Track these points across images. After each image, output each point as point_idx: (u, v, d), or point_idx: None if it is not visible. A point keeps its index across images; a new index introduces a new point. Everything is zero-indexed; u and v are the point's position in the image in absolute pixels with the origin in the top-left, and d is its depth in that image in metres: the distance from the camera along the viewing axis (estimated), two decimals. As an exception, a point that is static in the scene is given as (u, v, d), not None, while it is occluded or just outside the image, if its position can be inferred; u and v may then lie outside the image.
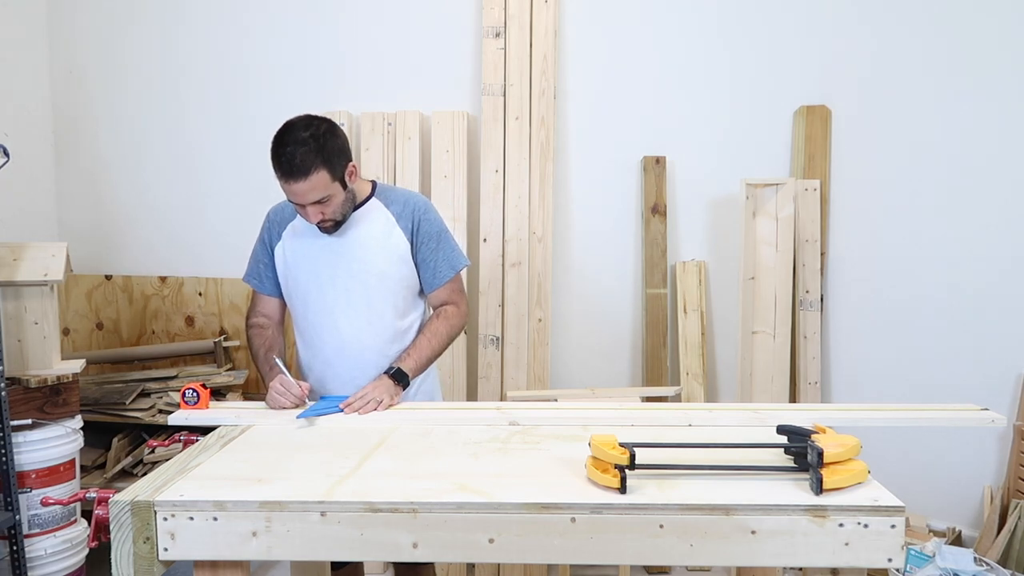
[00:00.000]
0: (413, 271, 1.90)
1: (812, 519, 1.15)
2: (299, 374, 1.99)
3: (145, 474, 1.78)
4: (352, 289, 1.85)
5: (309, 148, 1.67)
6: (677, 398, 2.89)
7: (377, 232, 1.86)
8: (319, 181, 1.69)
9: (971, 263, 2.70)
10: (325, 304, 1.86)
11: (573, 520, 1.16)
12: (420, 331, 1.92)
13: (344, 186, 1.77)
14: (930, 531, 2.72)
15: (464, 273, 1.99)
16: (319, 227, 1.80)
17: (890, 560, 1.14)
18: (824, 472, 1.19)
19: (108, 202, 3.22)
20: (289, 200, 1.75)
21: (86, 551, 2.44)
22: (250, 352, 1.95)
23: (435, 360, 1.93)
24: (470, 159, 2.97)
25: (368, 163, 2.96)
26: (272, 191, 1.98)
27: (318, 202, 1.72)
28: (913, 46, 2.79)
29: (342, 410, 1.71)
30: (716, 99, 3.00)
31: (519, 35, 2.95)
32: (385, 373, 1.81)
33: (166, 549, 1.17)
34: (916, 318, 2.81)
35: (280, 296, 1.97)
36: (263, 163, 3.02)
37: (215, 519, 1.17)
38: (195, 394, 1.73)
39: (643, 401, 2.62)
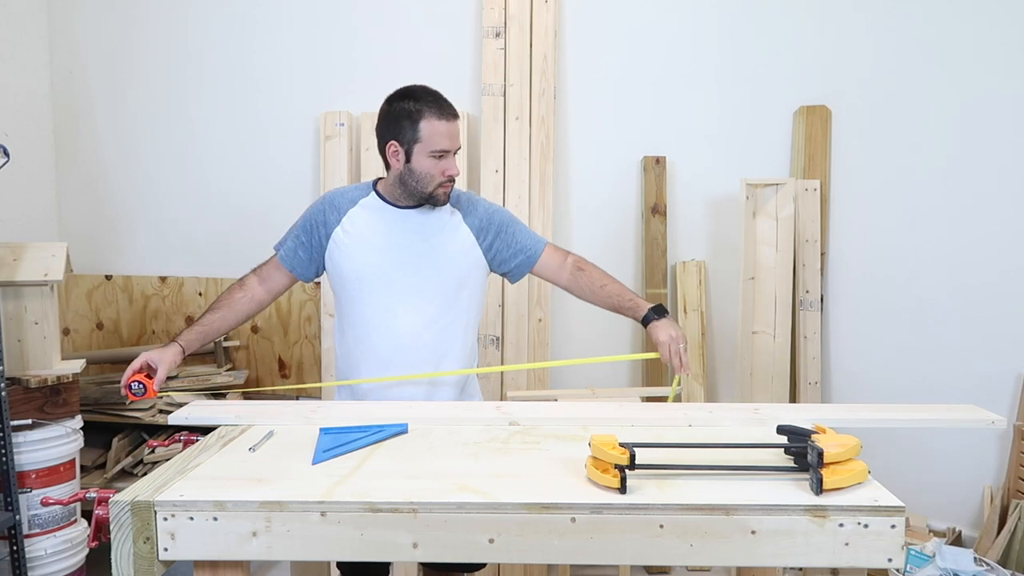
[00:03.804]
0: (473, 268, 1.89)
1: (812, 519, 1.15)
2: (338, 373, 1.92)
3: (145, 474, 1.78)
4: (420, 282, 1.83)
5: None
6: (677, 398, 2.89)
7: (445, 224, 1.86)
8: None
9: (971, 263, 2.70)
10: (387, 296, 1.82)
11: (573, 520, 1.16)
12: (604, 281, 1.89)
13: None
14: (930, 531, 2.72)
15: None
16: (442, 189, 1.80)
17: (890, 560, 1.14)
18: (824, 472, 1.19)
19: (108, 202, 3.22)
20: (437, 151, 1.76)
21: (86, 551, 2.44)
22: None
23: None
24: (470, 159, 2.97)
25: (368, 163, 2.96)
26: (272, 190, 1.97)
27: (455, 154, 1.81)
28: (913, 46, 2.79)
29: (350, 443, 1.46)
30: (716, 99, 3.00)
31: (519, 35, 2.95)
32: (650, 319, 1.77)
33: (166, 549, 1.17)
34: (916, 318, 2.81)
35: (290, 279, 1.91)
36: (263, 163, 3.09)
37: (215, 519, 1.17)
38: (141, 386, 1.68)
39: (643, 401, 2.62)
